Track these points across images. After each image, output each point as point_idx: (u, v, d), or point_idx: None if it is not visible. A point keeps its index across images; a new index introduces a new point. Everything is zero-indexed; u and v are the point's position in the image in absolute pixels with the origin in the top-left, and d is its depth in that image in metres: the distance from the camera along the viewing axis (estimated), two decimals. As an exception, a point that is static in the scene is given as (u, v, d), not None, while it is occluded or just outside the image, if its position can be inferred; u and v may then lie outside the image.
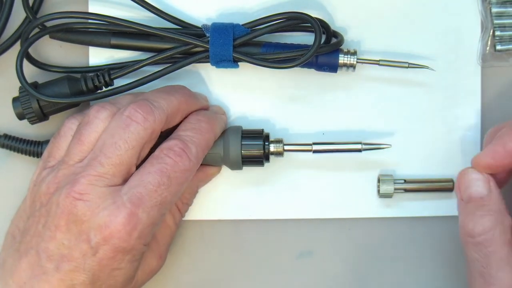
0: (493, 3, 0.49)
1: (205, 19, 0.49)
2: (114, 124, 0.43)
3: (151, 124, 0.43)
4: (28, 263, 0.42)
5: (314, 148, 0.47)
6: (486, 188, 0.43)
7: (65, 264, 0.41)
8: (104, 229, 0.41)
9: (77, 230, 0.41)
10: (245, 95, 0.50)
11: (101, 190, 0.42)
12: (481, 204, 0.42)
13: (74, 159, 0.43)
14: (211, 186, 0.50)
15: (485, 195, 0.43)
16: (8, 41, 0.48)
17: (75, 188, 0.42)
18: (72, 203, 0.41)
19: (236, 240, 0.50)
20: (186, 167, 0.43)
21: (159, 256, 0.47)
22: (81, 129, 0.44)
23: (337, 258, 0.50)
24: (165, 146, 0.44)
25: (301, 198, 0.50)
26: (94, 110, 0.44)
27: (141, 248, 0.43)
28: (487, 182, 0.43)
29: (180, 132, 0.45)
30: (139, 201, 0.42)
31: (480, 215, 0.42)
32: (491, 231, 0.41)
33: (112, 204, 0.41)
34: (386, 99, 0.50)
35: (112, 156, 0.42)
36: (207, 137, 0.45)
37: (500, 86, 0.50)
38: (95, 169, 0.42)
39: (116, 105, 0.45)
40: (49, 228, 0.42)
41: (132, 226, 0.41)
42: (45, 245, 0.42)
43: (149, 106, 0.43)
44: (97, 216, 0.41)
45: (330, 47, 0.47)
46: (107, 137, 0.43)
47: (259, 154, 0.47)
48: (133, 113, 0.43)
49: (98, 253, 0.41)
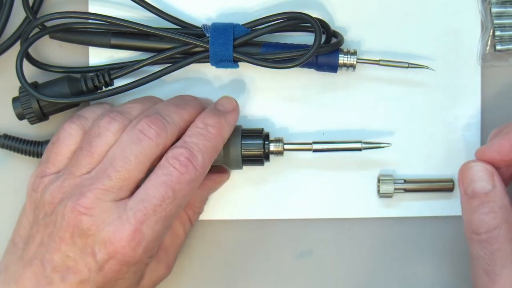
0: (493, 3, 0.49)
1: (205, 19, 0.49)
2: (126, 138, 0.42)
3: (164, 140, 0.43)
4: (33, 273, 0.42)
5: (314, 147, 0.47)
6: (491, 183, 0.42)
7: (70, 276, 0.41)
8: (109, 245, 0.41)
9: (82, 244, 0.41)
10: (245, 95, 0.50)
11: (107, 205, 0.41)
12: (486, 201, 0.42)
13: (82, 170, 0.43)
14: (211, 186, 0.50)
15: (490, 190, 0.42)
16: (8, 41, 0.48)
17: (80, 201, 0.41)
18: (77, 217, 0.41)
19: (236, 240, 0.50)
20: (192, 177, 0.42)
21: (167, 265, 0.46)
22: (91, 140, 0.43)
23: (337, 258, 0.50)
24: (171, 155, 0.42)
25: (301, 198, 0.50)
26: (105, 121, 0.43)
27: (146, 260, 0.43)
28: (491, 176, 0.43)
29: (186, 138, 0.43)
30: (143, 216, 0.41)
31: (485, 212, 0.42)
32: (496, 229, 0.41)
33: (117, 219, 0.41)
34: (386, 99, 0.50)
35: (121, 170, 0.42)
36: (214, 143, 0.44)
37: (500, 86, 0.50)
38: (103, 183, 0.42)
39: (127, 116, 0.44)
40: (54, 239, 0.42)
41: (137, 242, 0.41)
42: (50, 256, 0.42)
43: (162, 121, 0.43)
44: (102, 231, 0.41)
45: (330, 47, 0.47)
46: (118, 151, 0.42)
47: (259, 154, 0.47)
48: (146, 128, 0.42)
49: (104, 268, 0.41)
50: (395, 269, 0.50)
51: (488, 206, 0.42)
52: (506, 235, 0.41)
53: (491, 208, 0.42)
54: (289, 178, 0.50)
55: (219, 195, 0.50)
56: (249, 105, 0.50)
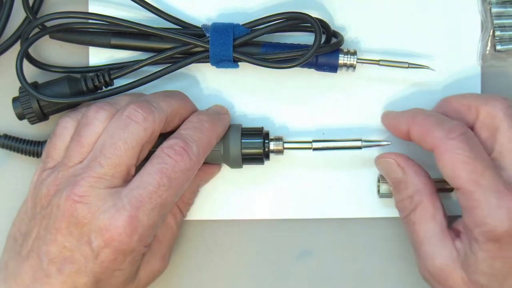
0: (493, 3, 0.49)
1: (205, 19, 0.49)
2: (114, 125, 0.43)
3: (151, 124, 0.43)
4: (30, 267, 0.42)
5: (314, 146, 0.47)
6: (401, 172, 0.46)
7: (67, 266, 0.41)
8: (104, 232, 0.41)
9: (78, 233, 0.41)
10: (245, 95, 0.50)
11: (101, 192, 0.42)
12: (400, 188, 0.46)
13: (74, 160, 0.43)
14: (211, 186, 0.50)
15: (402, 178, 0.46)
16: (8, 41, 0.48)
17: (75, 190, 0.42)
18: (72, 205, 0.41)
19: (236, 240, 0.50)
20: (186, 166, 0.43)
21: (161, 257, 0.47)
22: (80, 130, 0.44)
23: (337, 258, 0.50)
24: (166, 145, 0.43)
25: (301, 198, 0.50)
26: (92, 110, 0.44)
27: (141, 249, 0.43)
28: (397, 165, 0.46)
29: (182, 131, 0.45)
30: (139, 203, 0.41)
31: (401, 199, 0.46)
32: (412, 212, 0.45)
33: (112, 206, 0.41)
34: (386, 99, 0.50)
35: (111, 157, 0.42)
36: (209, 136, 0.45)
37: (500, 86, 0.50)
38: (95, 171, 0.42)
39: (115, 106, 0.44)
40: (50, 231, 0.42)
41: (133, 228, 0.41)
42: (47, 248, 0.42)
43: (149, 106, 0.43)
44: (98, 219, 0.41)
45: (330, 47, 0.47)
46: (107, 138, 0.43)
47: (259, 152, 0.47)
48: (133, 112, 0.43)
49: (100, 256, 0.41)
50: (395, 269, 0.50)
51: (401, 194, 0.46)
52: (422, 214, 0.45)
53: (404, 195, 0.46)
54: (289, 178, 0.50)
55: (219, 195, 0.50)
56: (249, 104, 0.50)
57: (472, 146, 0.43)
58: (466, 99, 0.46)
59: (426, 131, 0.44)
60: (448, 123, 0.44)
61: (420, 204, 0.45)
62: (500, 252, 0.41)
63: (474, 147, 0.43)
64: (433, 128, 0.44)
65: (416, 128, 0.45)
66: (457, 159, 0.42)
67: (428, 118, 0.45)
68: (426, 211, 0.45)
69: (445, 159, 0.43)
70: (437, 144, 0.43)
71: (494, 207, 0.41)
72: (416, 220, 0.45)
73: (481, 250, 0.41)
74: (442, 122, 0.44)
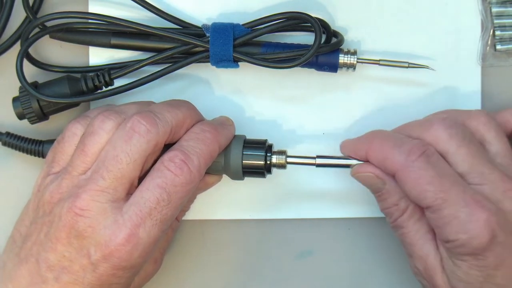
0: (493, 3, 0.49)
1: (205, 19, 0.49)
2: (117, 136, 0.42)
3: (155, 136, 0.42)
4: (28, 270, 0.42)
5: (318, 162, 0.46)
6: (381, 182, 0.45)
7: (65, 275, 0.41)
8: (104, 248, 0.41)
9: (78, 245, 0.41)
10: (245, 95, 0.50)
11: (103, 206, 0.41)
12: (384, 198, 0.45)
13: (78, 170, 0.43)
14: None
15: (383, 189, 0.45)
16: (8, 41, 0.48)
17: (76, 203, 0.41)
18: (73, 218, 0.41)
19: (236, 240, 0.50)
20: (186, 180, 0.42)
21: (154, 261, 0.47)
22: (84, 139, 0.43)
23: (337, 258, 0.50)
24: (166, 157, 0.42)
25: (301, 198, 0.50)
26: (99, 120, 0.43)
27: (141, 265, 0.43)
28: (375, 178, 0.45)
29: (183, 142, 0.44)
30: (139, 220, 0.41)
31: (387, 207, 0.45)
32: (399, 217, 0.45)
33: (113, 223, 0.41)
34: (386, 99, 0.50)
35: (113, 170, 0.42)
36: (211, 147, 0.44)
37: (500, 86, 0.50)
38: (97, 183, 0.41)
39: (122, 115, 0.44)
40: (50, 239, 0.42)
41: (133, 246, 0.41)
42: (46, 255, 0.42)
43: (153, 118, 0.43)
44: (98, 234, 0.41)
45: (330, 47, 0.47)
46: (110, 149, 0.42)
47: (261, 165, 0.46)
48: (136, 124, 0.42)
49: (98, 269, 0.41)
50: (395, 269, 0.50)
51: (387, 202, 0.45)
52: (410, 217, 0.44)
53: (390, 203, 0.45)
54: (289, 178, 0.50)
55: (219, 195, 0.50)
56: (249, 105, 0.50)
57: (434, 164, 0.42)
58: (408, 130, 0.45)
59: (384, 156, 0.43)
60: (406, 144, 0.43)
61: (408, 209, 0.44)
62: (476, 262, 0.41)
63: (437, 165, 0.42)
64: (391, 152, 0.43)
65: (373, 154, 0.44)
66: (422, 181, 0.41)
67: (385, 142, 0.44)
68: (413, 214, 0.44)
69: (409, 183, 0.42)
70: (398, 168, 0.42)
71: (465, 222, 0.40)
72: (404, 224, 0.44)
73: (457, 259, 0.41)
74: (400, 144, 0.43)
